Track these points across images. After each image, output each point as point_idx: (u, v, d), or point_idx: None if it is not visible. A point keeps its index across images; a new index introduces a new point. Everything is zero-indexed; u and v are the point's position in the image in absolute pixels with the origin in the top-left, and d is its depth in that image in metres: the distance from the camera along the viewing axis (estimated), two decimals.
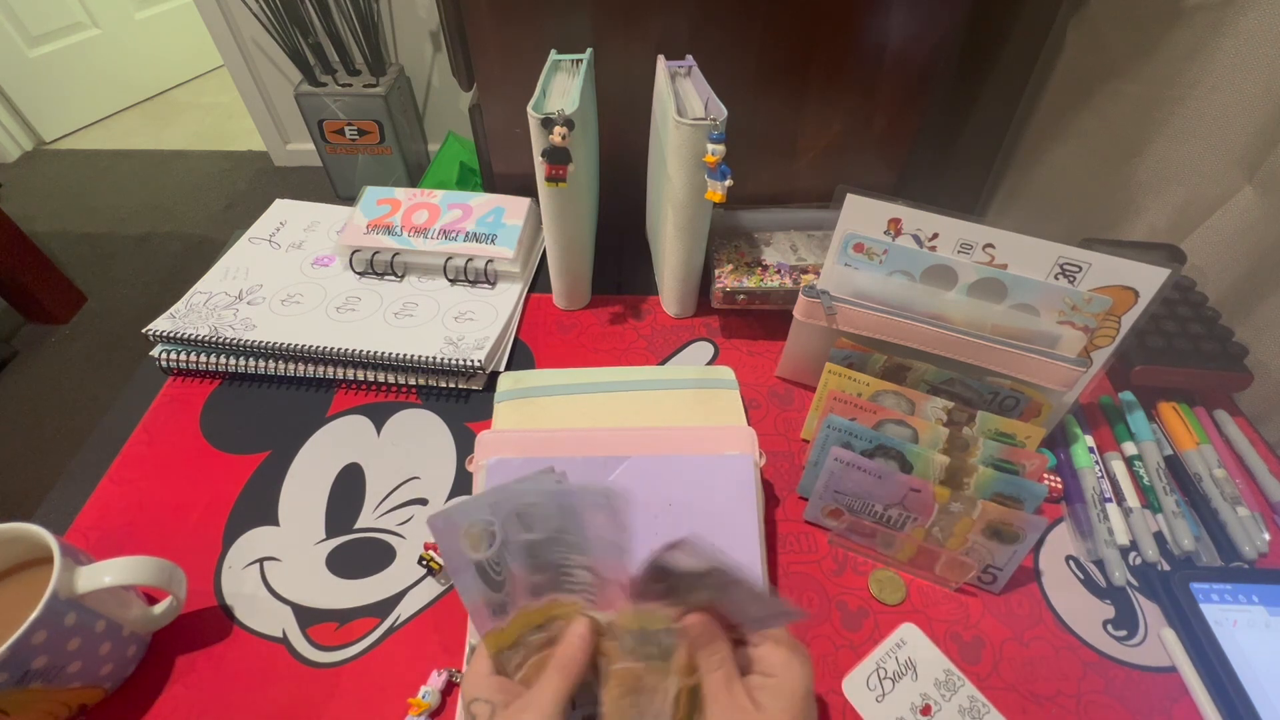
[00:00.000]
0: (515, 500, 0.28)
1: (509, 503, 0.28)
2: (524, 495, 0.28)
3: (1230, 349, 0.52)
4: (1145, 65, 0.61)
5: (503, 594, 0.28)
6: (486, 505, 0.28)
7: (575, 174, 0.49)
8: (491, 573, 0.28)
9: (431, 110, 1.98)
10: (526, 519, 0.28)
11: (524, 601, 0.29)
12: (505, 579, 0.28)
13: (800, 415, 0.53)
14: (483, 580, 0.28)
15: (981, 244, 0.42)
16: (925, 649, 0.39)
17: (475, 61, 0.63)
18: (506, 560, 0.28)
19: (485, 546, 0.27)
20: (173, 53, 2.49)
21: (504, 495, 0.28)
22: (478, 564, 0.28)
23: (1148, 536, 0.44)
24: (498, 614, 0.29)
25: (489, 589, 0.28)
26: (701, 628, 0.27)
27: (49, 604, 0.31)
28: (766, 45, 0.61)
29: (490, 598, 0.28)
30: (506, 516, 0.28)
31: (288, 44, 1.66)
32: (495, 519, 0.28)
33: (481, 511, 0.27)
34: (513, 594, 0.29)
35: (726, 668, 0.27)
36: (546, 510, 0.28)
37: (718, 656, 0.27)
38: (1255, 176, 0.53)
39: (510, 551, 0.28)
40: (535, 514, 0.28)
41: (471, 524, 0.27)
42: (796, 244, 0.63)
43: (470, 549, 0.27)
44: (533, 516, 0.28)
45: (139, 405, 0.53)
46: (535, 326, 0.61)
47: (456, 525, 0.27)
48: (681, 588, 0.27)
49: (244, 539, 0.44)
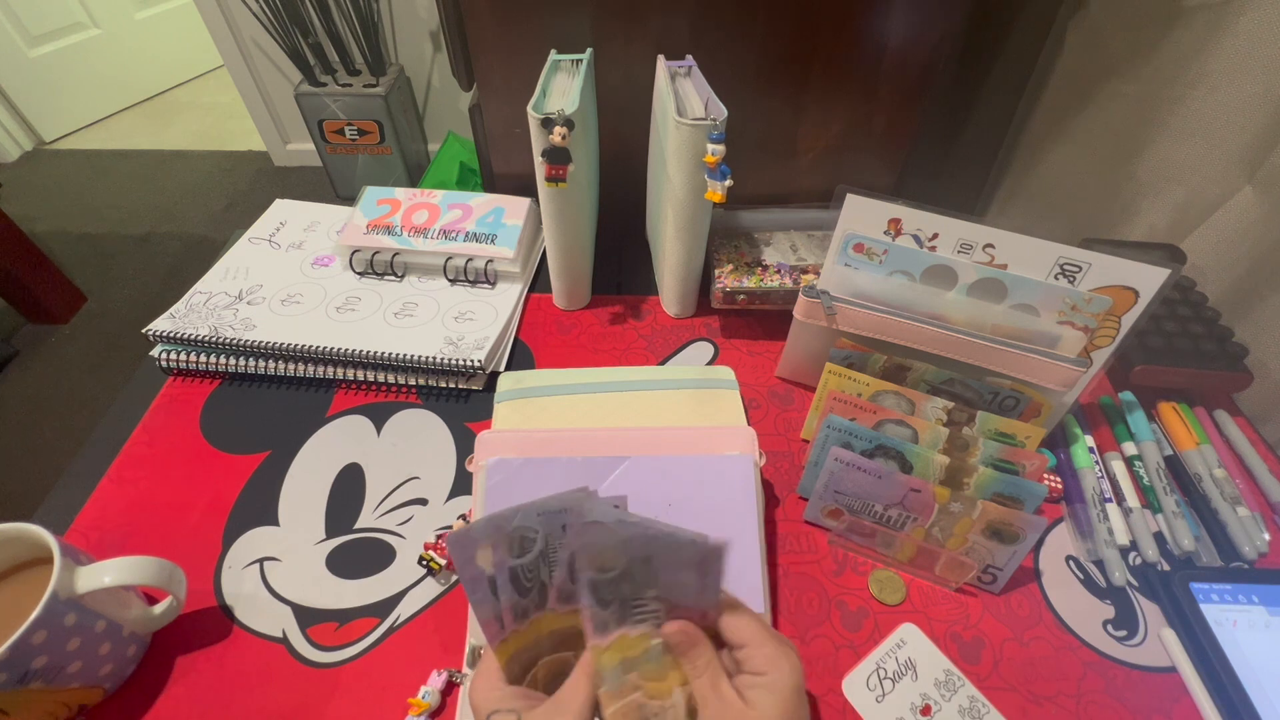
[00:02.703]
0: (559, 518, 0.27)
1: (556, 519, 0.27)
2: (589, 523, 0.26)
3: (1230, 349, 0.52)
4: (1145, 65, 0.61)
5: (528, 600, 0.28)
6: (535, 514, 0.27)
7: (575, 174, 0.49)
8: (524, 579, 0.27)
9: (431, 110, 1.98)
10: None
11: (548, 608, 0.28)
12: (534, 586, 0.28)
13: (800, 415, 0.53)
14: (513, 586, 0.27)
15: (981, 244, 0.42)
16: (925, 649, 0.39)
17: (475, 61, 0.63)
18: (541, 569, 0.27)
19: (518, 553, 0.27)
20: (173, 53, 2.48)
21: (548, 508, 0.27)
22: (512, 569, 0.27)
23: (1148, 536, 0.44)
24: (519, 618, 0.28)
25: (517, 594, 0.27)
26: (680, 634, 0.27)
27: (49, 604, 0.31)
28: (766, 45, 0.61)
29: (517, 603, 0.27)
30: (552, 529, 0.27)
31: (288, 44, 1.66)
32: (539, 529, 0.27)
33: (530, 519, 0.27)
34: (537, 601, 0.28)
35: (712, 670, 0.26)
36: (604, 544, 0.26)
37: (702, 660, 0.26)
38: (1255, 176, 0.53)
39: (546, 562, 0.27)
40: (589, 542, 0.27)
41: (516, 528, 0.27)
42: (796, 244, 0.63)
43: (507, 554, 0.27)
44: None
45: (139, 405, 0.53)
46: (535, 326, 0.61)
47: (501, 529, 0.27)
48: (626, 595, 0.26)
49: (244, 539, 0.44)
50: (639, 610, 0.27)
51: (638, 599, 0.27)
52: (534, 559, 0.27)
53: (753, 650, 0.27)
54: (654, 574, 0.26)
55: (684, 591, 0.27)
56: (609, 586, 0.26)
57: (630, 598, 0.27)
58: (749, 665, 0.27)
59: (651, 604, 0.27)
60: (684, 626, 0.27)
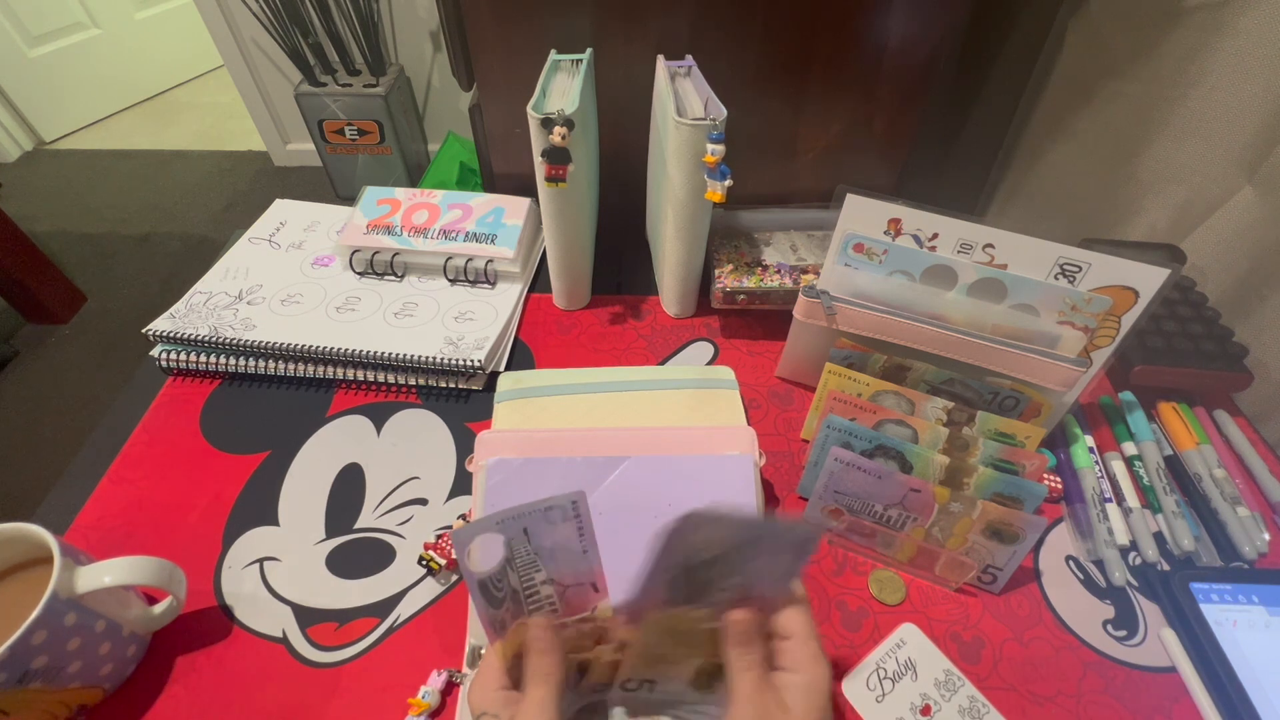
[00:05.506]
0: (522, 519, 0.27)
1: (517, 521, 0.27)
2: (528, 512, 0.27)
3: (1230, 349, 0.52)
4: (1145, 65, 0.61)
5: (501, 610, 0.28)
6: (494, 522, 0.27)
7: (575, 174, 0.49)
8: (493, 589, 0.27)
9: (431, 110, 1.98)
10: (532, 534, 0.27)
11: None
12: (504, 595, 0.28)
13: (800, 415, 0.53)
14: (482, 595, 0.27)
15: (981, 244, 0.42)
16: (925, 649, 0.39)
17: (475, 61, 0.63)
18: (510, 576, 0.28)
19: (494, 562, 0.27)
20: (173, 53, 2.49)
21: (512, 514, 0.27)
22: (481, 581, 0.27)
23: (1148, 536, 0.44)
24: (497, 630, 0.28)
25: (489, 605, 0.28)
26: (744, 624, 0.27)
27: (49, 604, 0.31)
28: (766, 45, 0.61)
29: (493, 614, 0.28)
30: (515, 533, 0.27)
31: (288, 44, 1.66)
32: (503, 534, 0.27)
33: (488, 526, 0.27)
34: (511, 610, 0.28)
35: (758, 670, 0.26)
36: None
37: (755, 655, 0.27)
38: (1255, 176, 0.53)
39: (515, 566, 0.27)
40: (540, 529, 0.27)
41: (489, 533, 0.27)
42: (796, 244, 0.63)
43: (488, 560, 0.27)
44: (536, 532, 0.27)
45: (139, 405, 0.53)
46: (535, 326, 0.61)
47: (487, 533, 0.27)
48: (711, 584, 0.27)
49: (244, 539, 0.44)
50: (709, 596, 0.27)
51: (715, 585, 0.27)
52: (500, 567, 0.27)
53: (797, 645, 0.27)
54: (748, 560, 0.26)
55: (767, 578, 0.27)
56: (695, 572, 0.26)
57: (708, 582, 0.27)
58: (787, 659, 0.27)
59: (725, 591, 0.27)
60: (749, 617, 0.27)
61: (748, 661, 0.27)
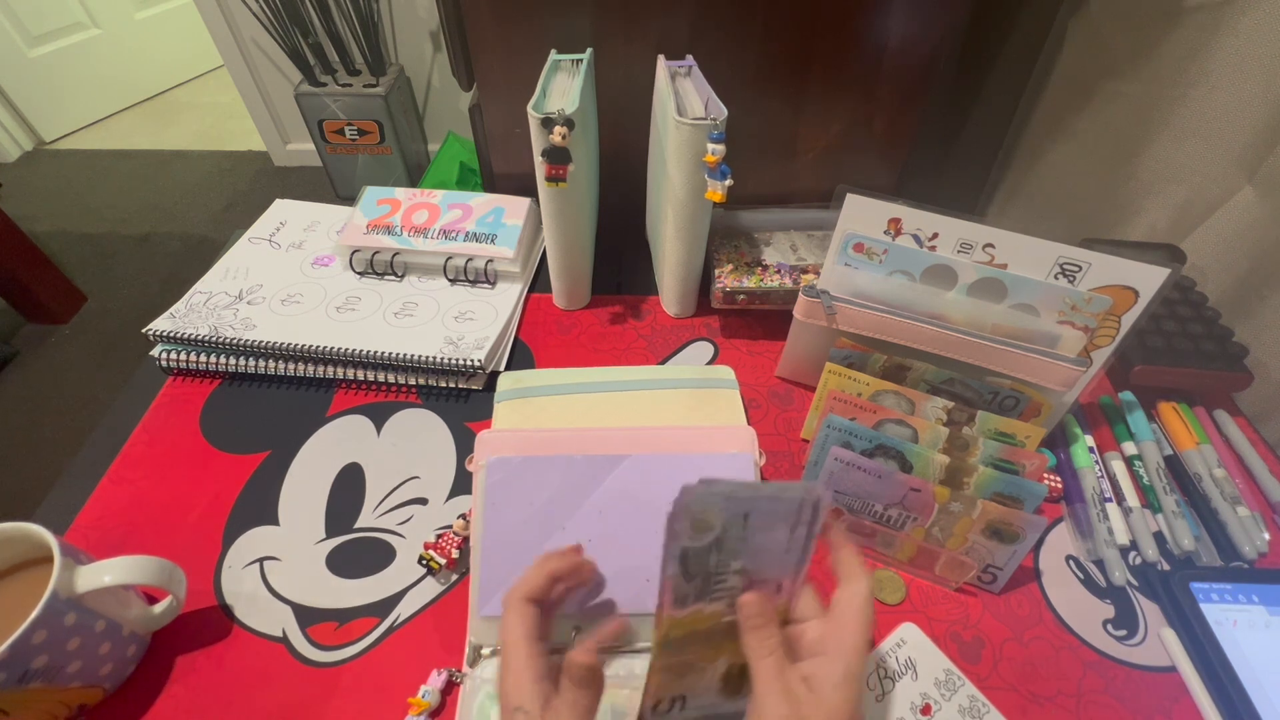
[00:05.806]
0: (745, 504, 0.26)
1: (743, 504, 0.25)
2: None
3: (1230, 349, 0.52)
4: (1145, 65, 0.61)
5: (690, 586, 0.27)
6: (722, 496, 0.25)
7: (575, 174, 0.49)
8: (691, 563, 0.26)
9: (431, 110, 1.98)
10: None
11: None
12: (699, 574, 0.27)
13: (800, 415, 0.53)
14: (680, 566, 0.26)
15: (981, 244, 0.42)
16: (925, 649, 0.39)
17: (475, 61, 0.63)
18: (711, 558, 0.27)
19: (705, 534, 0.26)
20: (173, 53, 2.48)
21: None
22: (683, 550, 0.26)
23: (1148, 536, 0.44)
24: (677, 604, 0.27)
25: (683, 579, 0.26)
26: (755, 605, 0.26)
27: (49, 603, 0.31)
28: (766, 45, 0.61)
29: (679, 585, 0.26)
30: (734, 515, 0.25)
31: (288, 44, 1.66)
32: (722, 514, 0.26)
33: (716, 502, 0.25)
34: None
35: (777, 655, 0.26)
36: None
37: (771, 641, 0.26)
38: (1255, 176, 0.53)
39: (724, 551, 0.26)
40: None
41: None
42: (796, 244, 0.63)
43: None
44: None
45: (139, 405, 0.53)
46: (535, 326, 0.61)
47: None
48: (711, 569, 0.26)
49: (244, 539, 0.44)
50: (719, 587, 0.27)
51: (720, 574, 0.26)
52: (707, 545, 0.26)
53: (817, 626, 0.27)
54: (746, 537, 0.26)
55: (770, 558, 0.26)
56: (699, 557, 0.26)
57: (714, 571, 0.26)
58: (809, 642, 0.27)
59: (733, 579, 0.27)
60: (760, 598, 0.26)
61: (766, 646, 0.26)
